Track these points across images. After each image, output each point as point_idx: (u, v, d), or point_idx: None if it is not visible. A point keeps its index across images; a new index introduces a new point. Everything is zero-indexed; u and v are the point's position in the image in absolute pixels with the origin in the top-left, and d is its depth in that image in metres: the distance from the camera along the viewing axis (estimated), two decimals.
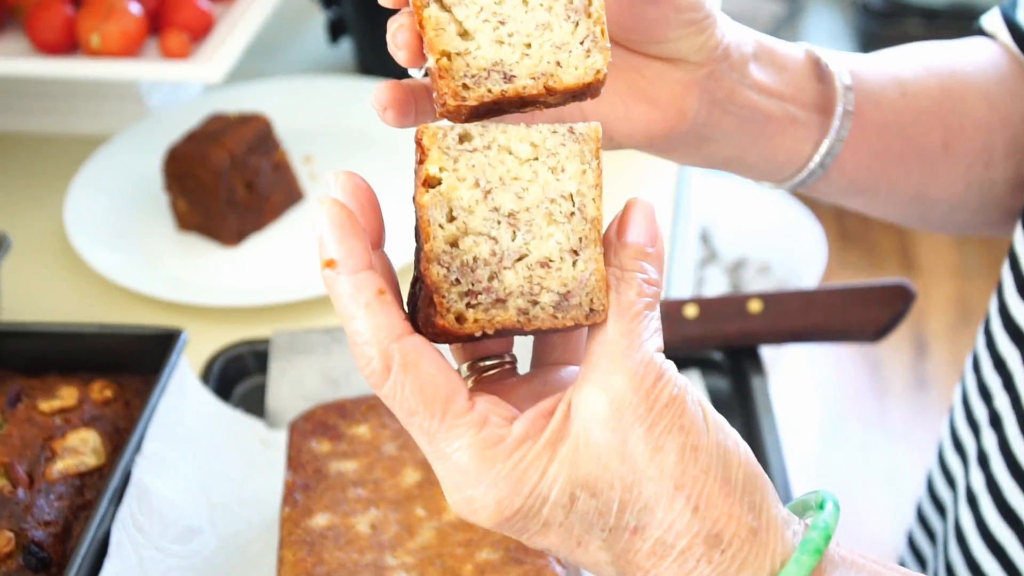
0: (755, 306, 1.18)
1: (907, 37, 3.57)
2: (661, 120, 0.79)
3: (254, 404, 1.23)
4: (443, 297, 0.60)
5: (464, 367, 0.68)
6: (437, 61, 0.61)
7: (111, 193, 1.51)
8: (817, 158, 0.86)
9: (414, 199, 0.62)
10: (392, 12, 0.65)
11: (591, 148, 0.62)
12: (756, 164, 0.87)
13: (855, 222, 3.62)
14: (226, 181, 1.39)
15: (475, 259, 0.60)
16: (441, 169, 0.60)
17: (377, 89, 0.67)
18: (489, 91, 0.61)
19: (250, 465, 1.15)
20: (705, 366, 1.23)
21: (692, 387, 0.61)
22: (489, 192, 0.61)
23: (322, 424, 1.08)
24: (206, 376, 1.23)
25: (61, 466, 1.03)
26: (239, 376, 1.25)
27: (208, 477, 1.11)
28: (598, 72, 0.62)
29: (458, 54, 0.61)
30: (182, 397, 1.12)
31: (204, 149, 1.38)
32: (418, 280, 0.62)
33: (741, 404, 1.19)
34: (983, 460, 0.99)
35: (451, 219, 0.60)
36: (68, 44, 1.47)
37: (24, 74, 1.47)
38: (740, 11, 3.81)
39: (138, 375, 1.14)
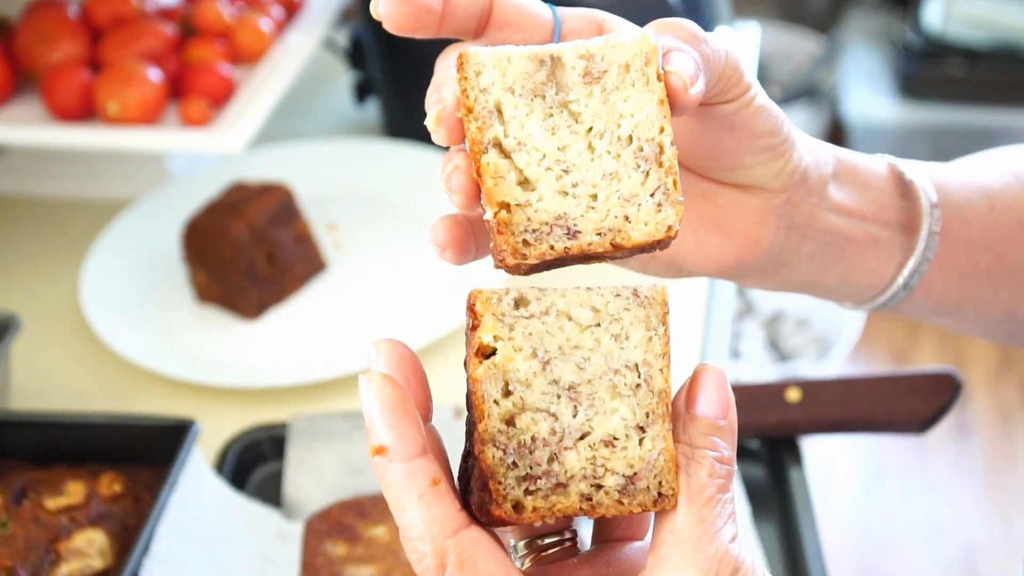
0: (793, 395, 1.13)
1: (948, 78, 3.55)
2: (735, 251, 0.73)
3: (271, 492, 1.18)
4: (499, 483, 0.55)
5: (521, 545, 0.63)
6: (496, 215, 0.56)
7: (130, 263, 1.47)
8: (901, 280, 0.80)
9: (466, 367, 0.57)
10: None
11: (658, 313, 0.57)
12: (835, 288, 0.81)
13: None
14: (246, 254, 1.34)
15: (533, 439, 0.56)
16: (496, 338, 0.56)
17: (434, 229, 0.62)
18: (552, 248, 0.57)
19: (266, 561, 1.10)
20: (741, 454, 1.18)
21: None
22: (548, 363, 0.56)
23: (339, 524, 1.03)
24: (221, 463, 1.18)
25: (66, 570, 0.98)
26: (256, 462, 1.21)
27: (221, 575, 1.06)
28: (670, 229, 0.57)
29: (518, 206, 0.56)
30: (194, 490, 1.08)
31: (223, 222, 1.34)
32: (470, 455, 0.57)
33: (778, 496, 1.14)
34: None
35: (507, 394, 0.56)
36: (85, 110, 1.44)
37: (40, 143, 1.44)
38: (778, 50, 3.75)
39: (149, 467, 1.09)
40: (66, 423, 1.12)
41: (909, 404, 1.11)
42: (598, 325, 0.56)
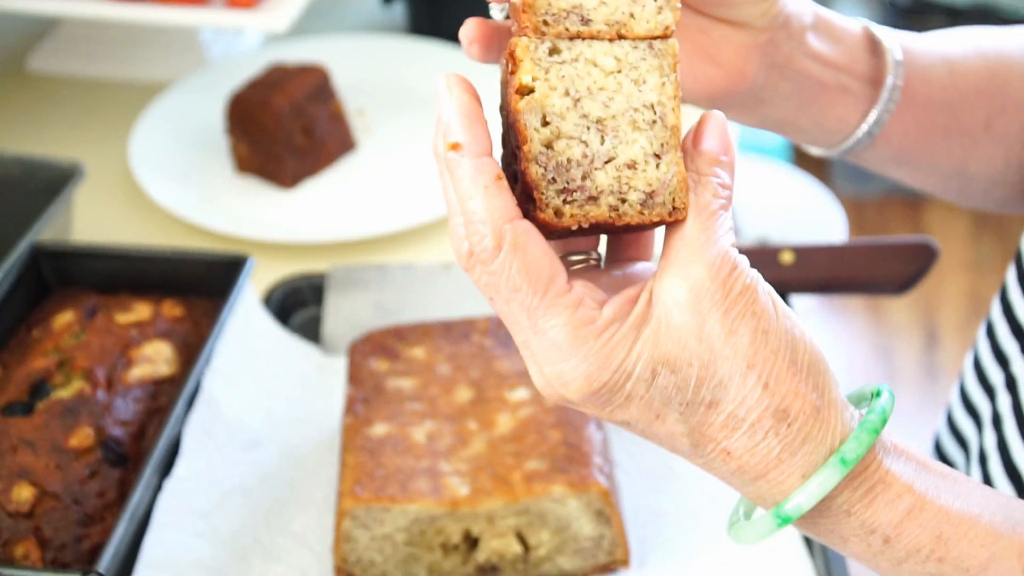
0: (787, 257, 1.25)
1: None
2: (723, 79, 0.85)
3: (310, 334, 1.30)
4: (542, 194, 0.65)
5: None
6: None
7: (173, 136, 1.58)
8: (865, 127, 0.91)
9: (503, 108, 0.69)
10: None
11: (669, 62, 0.67)
12: (807, 128, 0.92)
13: (872, 212, 3.69)
14: (286, 126, 1.46)
15: (569, 160, 0.65)
16: (534, 78, 0.65)
17: (465, 25, 0.73)
18: (566, 29, 0.67)
19: (306, 387, 1.22)
20: None
21: (762, 279, 0.67)
22: (578, 100, 0.66)
23: (381, 346, 1.15)
24: (265, 305, 1.29)
25: (137, 373, 1.10)
26: (296, 306, 1.32)
27: (268, 396, 1.18)
28: (667, 28, 0.67)
29: None
30: (246, 320, 1.20)
31: (267, 95, 1.46)
32: (512, 182, 0.68)
33: None
34: (997, 422, 1.05)
35: (545, 124, 0.65)
36: None
37: (94, 17, 1.54)
38: None
39: (205, 298, 1.21)
40: (130, 255, 1.23)
41: (891, 268, 1.24)
42: (619, 71, 0.66)
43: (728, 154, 0.68)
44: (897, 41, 0.92)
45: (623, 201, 0.66)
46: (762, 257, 1.26)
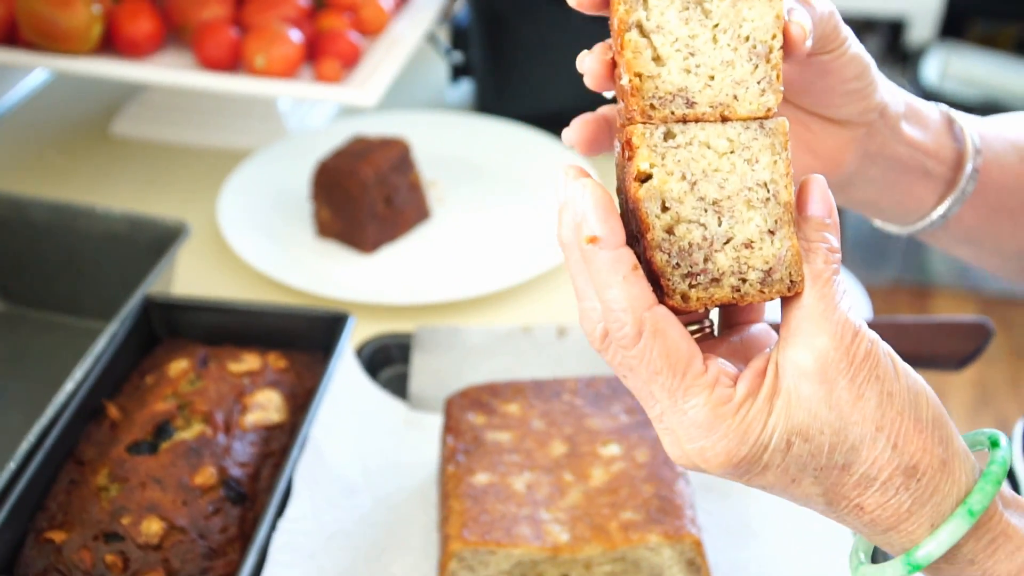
0: None
1: None
2: (819, 169, 0.88)
3: (396, 389, 1.37)
4: (668, 280, 0.68)
5: None
6: (631, 80, 0.68)
7: (257, 200, 1.66)
8: (941, 209, 0.95)
9: (621, 191, 0.72)
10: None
11: (780, 141, 0.69)
12: (887, 208, 0.96)
13: (880, 300, 3.76)
14: (370, 195, 1.54)
15: (690, 244, 0.68)
16: (651, 165, 0.67)
17: (570, 127, 0.76)
18: (672, 113, 0.68)
19: (396, 440, 1.28)
20: None
21: (880, 340, 0.69)
22: (695, 184, 0.68)
23: (477, 401, 1.22)
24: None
25: (252, 418, 1.17)
26: (384, 364, 1.39)
27: (363, 446, 1.25)
28: (769, 110, 0.69)
29: (650, 76, 0.68)
30: (344, 374, 1.27)
31: (353, 165, 1.54)
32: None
33: None
34: None
35: (664, 209, 0.68)
36: (231, 62, 1.63)
37: (196, 87, 1.62)
38: None
39: (304, 352, 1.28)
40: (236, 309, 1.30)
41: (951, 344, 1.32)
42: (732, 152, 0.68)
43: (832, 216, 0.71)
44: (974, 126, 0.97)
45: (744, 281, 0.69)
46: None
